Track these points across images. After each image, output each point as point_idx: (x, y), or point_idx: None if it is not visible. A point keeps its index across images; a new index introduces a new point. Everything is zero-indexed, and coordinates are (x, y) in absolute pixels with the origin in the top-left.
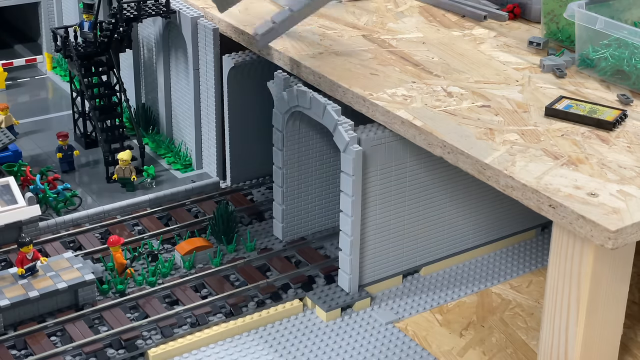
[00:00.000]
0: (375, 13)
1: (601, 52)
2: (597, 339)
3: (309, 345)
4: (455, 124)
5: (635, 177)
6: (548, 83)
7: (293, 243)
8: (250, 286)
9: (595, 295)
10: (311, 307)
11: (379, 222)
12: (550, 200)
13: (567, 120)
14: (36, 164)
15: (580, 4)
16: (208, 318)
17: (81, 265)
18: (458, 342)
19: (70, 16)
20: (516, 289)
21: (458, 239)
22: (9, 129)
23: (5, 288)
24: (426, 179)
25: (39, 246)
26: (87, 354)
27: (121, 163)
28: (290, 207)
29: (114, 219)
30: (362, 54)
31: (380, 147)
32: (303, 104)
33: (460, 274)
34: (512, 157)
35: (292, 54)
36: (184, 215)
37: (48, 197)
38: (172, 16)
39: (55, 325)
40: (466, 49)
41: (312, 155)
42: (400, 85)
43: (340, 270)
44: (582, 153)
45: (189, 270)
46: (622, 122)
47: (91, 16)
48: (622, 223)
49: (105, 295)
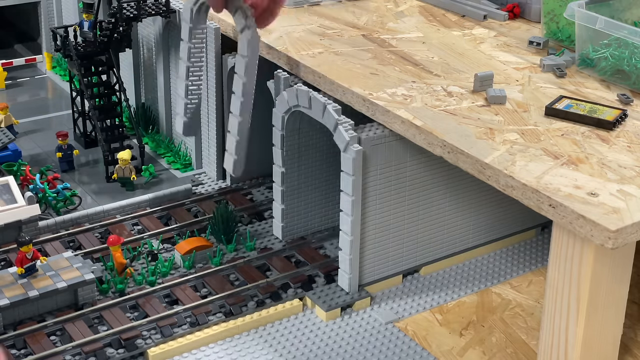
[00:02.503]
0: (375, 13)
1: (601, 51)
2: (597, 339)
3: (308, 345)
4: (455, 124)
5: (635, 177)
6: (548, 83)
7: (293, 243)
8: (250, 286)
9: (595, 295)
10: (311, 306)
11: (378, 221)
12: (550, 199)
13: (567, 120)
14: (36, 163)
15: (580, 4)
16: (208, 318)
17: (81, 265)
18: (458, 341)
19: (70, 16)
20: (516, 289)
21: (458, 238)
22: (8, 129)
23: (5, 287)
24: (426, 179)
25: (38, 246)
26: (87, 353)
27: (121, 162)
28: (290, 206)
29: (114, 219)
30: (362, 53)
31: (380, 147)
32: (303, 103)
33: (460, 273)
34: (512, 157)
35: (292, 53)
36: (183, 214)
37: (48, 196)
38: (171, 15)
39: (55, 325)
40: (466, 49)
41: (312, 154)
42: (400, 84)
43: (340, 270)
44: (582, 153)
45: (188, 269)
46: (622, 121)
47: (91, 16)
48: (622, 223)
49: (105, 295)
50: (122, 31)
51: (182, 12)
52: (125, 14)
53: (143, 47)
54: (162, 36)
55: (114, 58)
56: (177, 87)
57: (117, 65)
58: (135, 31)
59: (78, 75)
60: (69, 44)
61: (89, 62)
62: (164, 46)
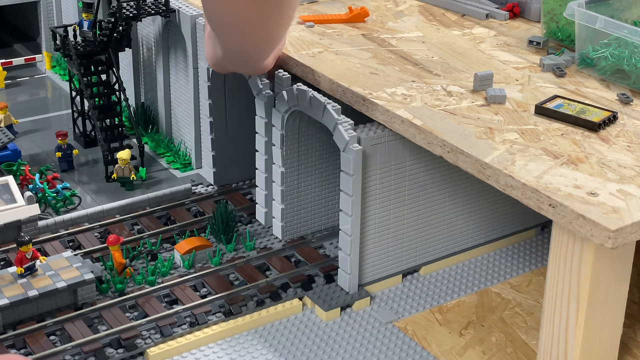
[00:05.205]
0: (375, 12)
1: (601, 51)
2: (597, 339)
3: (308, 344)
4: (455, 123)
5: (635, 177)
6: (548, 82)
7: (292, 242)
8: (249, 285)
9: (595, 294)
10: (311, 306)
11: (378, 221)
12: (550, 199)
13: (554, 119)
14: (35, 163)
15: (580, 3)
16: (207, 317)
17: (80, 265)
18: (458, 341)
19: (69, 15)
20: (516, 289)
21: (458, 238)
22: (8, 128)
23: (5, 287)
24: (426, 178)
25: (38, 245)
26: (87, 353)
27: (120, 162)
28: (289, 206)
29: (113, 218)
30: (362, 53)
31: (380, 147)
32: (303, 103)
33: (460, 273)
34: (512, 157)
35: (292, 53)
36: (183, 214)
37: (47, 196)
38: (171, 15)
39: (55, 325)
40: (466, 48)
41: (312, 154)
42: (400, 84)
43: (340, 270)
44: (582, 152)
45: (188, 269)
46: (609, 124)
47: (90, 15)
48: (622, 222)
49: (105, 295)
50: (122, 31)
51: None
52: (124, 14)
53: (143, 47)
54: (162, 36)
55: (113, 57)
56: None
57: (116, 65)
58: (135, 31)
59: (77, 74)
60: (68, 44)
61: (88, 62)
62: (164, 46)
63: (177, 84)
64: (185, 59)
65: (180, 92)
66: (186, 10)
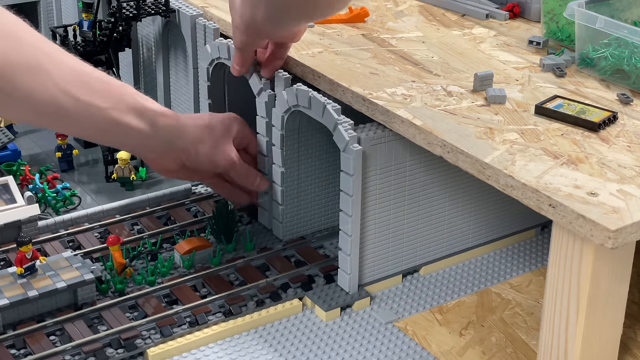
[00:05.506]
0: (374, 12)
1: (601, 51)
2: (597, 339)
3: (308, 344)
4: (455, 123)
5: (635, 177)
6: (548, 82)
7: (292, 242)
8: (249, 286)
9: (595, 295)
10: (311, 306)
11: (378, 221)
12: (550, 199)
13: (554, 119)
14: (35, 163)
15: (580, 3)
16: (207, 317)
17: (80, 265)
18: (458, 341)
19: (69, 15)
20: (516, 289)
21: (458, 238)
22: (8, 128)
23: (4, 287)
24: (426, 178)
25: (38, 245)
26: (86, 353)
27: (120, 162)
28: (289, 206)
29: (113, 218)
30: (362, 53)
31: (380, 147)
32: (303, 103)
33: (460, 273)
34: (512, 157)
35: (292, 53)
36: (183, 214)
37: (47, 196)
38: (171, 15)
39: (55, 325)
40: (466, 48)
41: (312, 154)
42: (400, 84)
43: (340, 270)
44: (582, 152)
45: (188, 269)
46: (610, 124)
47: (90, 15)
48: (622, 222)
49: (105, 295)
50: (122, 31)
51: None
52: (124, 14)
53: (143, 47)
54: (162, 36)
55: (113, 57)
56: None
57: (116, 65)
58: (135, 31)
59: None
60: (68, 44)
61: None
62: (164, 46)
63: (177, 84)
64: (185, 59)
65: (180, 92)
66: (186, 10)
